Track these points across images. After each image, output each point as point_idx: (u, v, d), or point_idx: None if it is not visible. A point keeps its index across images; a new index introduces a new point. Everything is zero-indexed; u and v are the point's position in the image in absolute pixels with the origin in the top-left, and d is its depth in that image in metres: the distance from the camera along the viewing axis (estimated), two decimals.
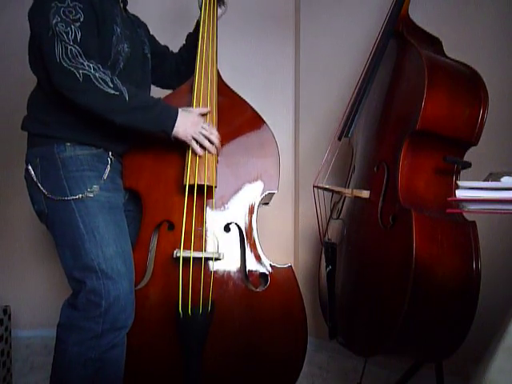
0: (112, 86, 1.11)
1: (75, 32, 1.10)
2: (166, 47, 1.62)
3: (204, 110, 1.32)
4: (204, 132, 1.26)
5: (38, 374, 1.78)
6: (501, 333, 0.56)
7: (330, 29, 2.02)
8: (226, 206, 1.36)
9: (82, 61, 1.09)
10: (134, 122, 1.18)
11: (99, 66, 1.11)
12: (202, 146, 1.27)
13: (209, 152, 1.29)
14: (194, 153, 1.28)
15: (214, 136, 1.28)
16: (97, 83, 1.10)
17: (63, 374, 1.16)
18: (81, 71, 1.08)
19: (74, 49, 1.08)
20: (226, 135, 1.38)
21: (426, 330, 1.18)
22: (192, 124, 1.24)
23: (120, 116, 1.15)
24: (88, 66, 1.09)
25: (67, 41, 1.08)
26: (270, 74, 2.18)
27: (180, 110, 1.23)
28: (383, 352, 1.24)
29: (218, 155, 1.34)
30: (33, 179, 1.20)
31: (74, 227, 1.16)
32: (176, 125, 1.21)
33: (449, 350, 1.21)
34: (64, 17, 1.10)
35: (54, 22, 1.09)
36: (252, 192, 1.38)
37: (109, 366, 1.17)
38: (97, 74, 1.10)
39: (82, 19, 1.12)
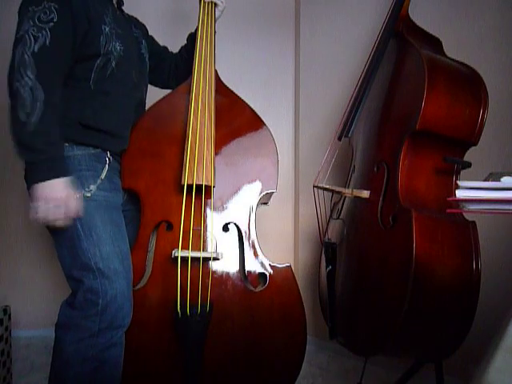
0: (28, 111, 1.04)
1: (45, 37, 1.08)
2: (166, 48, 1.62)
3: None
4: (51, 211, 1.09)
5: (37, 374, 1.78)
6: (501, 333, 0.56)
7: (330, 29, 2.02)
8: (225, 205, 1.36)
9: (27, 73, 1.05)
10: (18, 154, 1.08)
11: (41, 86, 1.05)
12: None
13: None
14: (193, 152, 1.28)
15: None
16: (18, 103, 1.05)
17: (61, 373, 1.16)
18: (16, 83, 1.05)
19: (28, 58, 1.06)
20: (225, 135, 1.38)
21: (426, 329, 1.18)
22: (49, 198, 1.08)
23: (14, 140, 1.07)
24: (26, 82, 1.05)
25: (27, 49, 1.07)
26: (270, 74, 2.18)
27: (61, 180, 1.09)
28: (383, 352, 1.24)
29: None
30: None
31: (72, 227, 1.16)
32: (39, 184, 1.07)
33: (449, 350, 1.21)
34: (38, 22, 1.09)
35: (27, 27, 1.08)
36: (251, 192, 1.37)
37: (107, 365, 1.17)
38: (25, 94, 1.05)
39: (55, 19, 1.10)
